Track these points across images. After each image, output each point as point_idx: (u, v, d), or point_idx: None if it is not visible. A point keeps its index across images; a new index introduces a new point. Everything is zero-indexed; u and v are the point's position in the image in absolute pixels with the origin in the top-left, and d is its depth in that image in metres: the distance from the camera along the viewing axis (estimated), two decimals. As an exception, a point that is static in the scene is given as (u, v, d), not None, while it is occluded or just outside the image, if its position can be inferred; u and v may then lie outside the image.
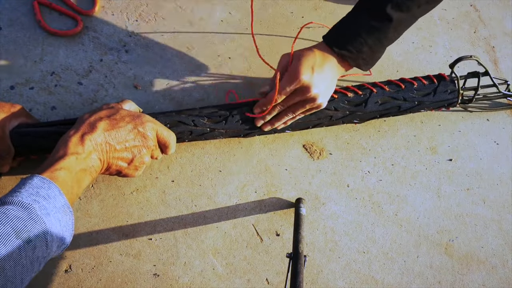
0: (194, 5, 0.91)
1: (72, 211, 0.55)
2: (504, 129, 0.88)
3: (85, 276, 0.73)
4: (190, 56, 0.87)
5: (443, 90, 0.80)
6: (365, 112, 0.79)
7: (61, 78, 0.83)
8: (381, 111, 0.79)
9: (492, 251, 0.80)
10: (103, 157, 0.62)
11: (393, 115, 0.82)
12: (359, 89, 0.79)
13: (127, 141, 0.64)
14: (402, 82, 0.80)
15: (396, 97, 0.79)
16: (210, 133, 0.76)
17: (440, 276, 0.78)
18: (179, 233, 0.77)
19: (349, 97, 0.78)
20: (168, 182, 0.79)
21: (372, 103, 0.78)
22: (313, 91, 0.69)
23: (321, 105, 0.72)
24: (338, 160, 0.83)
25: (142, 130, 0.65)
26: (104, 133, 0.62)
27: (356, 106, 0.78)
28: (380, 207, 0.81)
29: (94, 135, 0.61)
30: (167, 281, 0.74)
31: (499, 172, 0.85)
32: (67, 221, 0.54)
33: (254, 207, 0.79)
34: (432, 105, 0.81)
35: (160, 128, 0.68)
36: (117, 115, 0.65)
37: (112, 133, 0.63)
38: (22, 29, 0.85)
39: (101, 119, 0.63)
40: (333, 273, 0.77)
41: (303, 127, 0.80)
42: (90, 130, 0.61)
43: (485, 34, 0.95)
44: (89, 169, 0.60)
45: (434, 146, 0.86)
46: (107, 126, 0.63)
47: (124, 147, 0.64)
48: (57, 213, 0.52)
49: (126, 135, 0.64)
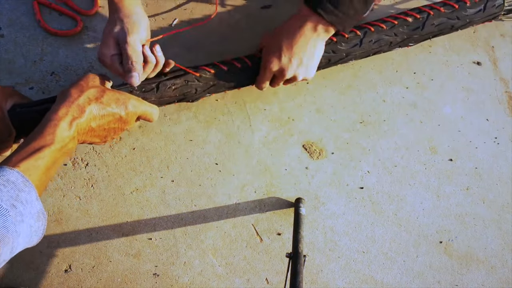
0: (194, 5, 0.91)
1: (46, 216, 0.54)
2: (504, 129, 0.88)
3: (85, 276, 0.73)
4: (190, 56, 0.87)
5: (491, 5, 0.84)
6: (421, 35, 0.82)
7: (61, 78, 0.83)
8: (435, 32, 0.83)
9: (492, 251, 0.80)
10: (81, 138, 0.62)
11: (446, 33, 0.86)
12: (418, 13, 0.81)
13: (108, 124, 0.64)
14: (456, 2, 0.83)
15: (450, 17, 0.82)
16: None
17: (440, 276, 0.78)
18: (179, 233, 0.77)
19: (409, 22, 0.80)
20: (168, 182, 0.79)
21: (428, 26, 0.81)
22: (288, 74, 0.72)
23: (306, 79, 0.75)
24: (338, 160, 0.83)
25: (125, 116, 0.65)
26: (90, 118, 0.61)
27: (414, 30, 0.81)
28: (379, 207, 0.81)
29: (81, 120, 0.60)
30: (167, 281, 0.74)
31: (499, 172, 0.85)
32: (38, 227, 0.53)
33: (254, 207, 0.79)
34: (481, 21, 0.86)
35: (143, 108, 0.67)
36: (104, 98, 0.63)
37: (97, 118, 0.62)
38: (22, 29, 0.85)
39: (90, 101, 0.61)
40: (333, 273, 0.77)
41: (364, 56, 0.82)
42: (79, 114, 0.60)
43: (484, 34, 0.95)
44: (67, 151, 0.59)
45: (434, 146, 0.86)
46: (94, 111, 0.61)
47: (103, 128, 0.64)
48: (31, 219, 0.51)
49: (109, 120, 0.63)
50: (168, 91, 0.72)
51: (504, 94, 0.90)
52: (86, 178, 0.80)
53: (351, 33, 0.79)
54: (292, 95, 0.86)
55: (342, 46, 0.78)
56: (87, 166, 0.80)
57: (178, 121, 0.83)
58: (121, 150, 0.81)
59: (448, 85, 0.90)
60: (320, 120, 0.85)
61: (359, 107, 0.87)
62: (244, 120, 0.84)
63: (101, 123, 0.63)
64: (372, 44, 0.79)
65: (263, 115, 0.85)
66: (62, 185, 0.79)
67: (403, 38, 0.81)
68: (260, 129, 0.84)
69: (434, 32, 0.83)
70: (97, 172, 0.79)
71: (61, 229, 0.78)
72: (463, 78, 0.91)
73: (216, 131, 0.83)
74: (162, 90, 0.71)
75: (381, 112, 0.87)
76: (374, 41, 0.79)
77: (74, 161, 0.81)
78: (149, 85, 0.71)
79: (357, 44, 0.78)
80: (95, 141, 0.65)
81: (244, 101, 0.85)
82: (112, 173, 0.80)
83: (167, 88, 0.72)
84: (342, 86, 0.88)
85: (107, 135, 0.65)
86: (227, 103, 0.85)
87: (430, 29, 0.82)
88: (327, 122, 0.85)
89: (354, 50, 0.79)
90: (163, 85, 0.71)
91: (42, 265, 0.77)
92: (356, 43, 0.78)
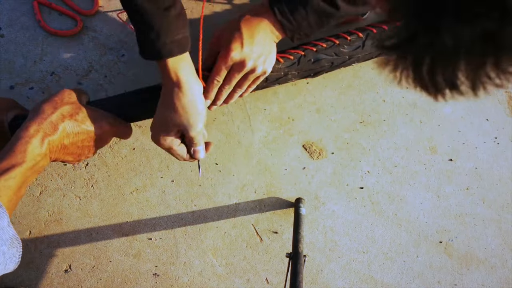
0: (194, 5, 0.91)
1: (21, 242, 0.52)
2: (504, 129, 0.89)
3: (85, 276, 0.73)
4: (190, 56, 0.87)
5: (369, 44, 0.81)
6: (364, 54, 0.79)
7: (61, 78, 0.83)
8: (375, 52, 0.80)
9: (492, 251, 0.80)
10: (53, 156, 0.60)
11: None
12: (360, 32, 0.79)
13: (82, 142, 0.62)
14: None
15: None
16: None
17: (440, 275, 0.78)
18: (179, 233, 0.77)
19: (348, 41, 0.78)
20: (168, 182, 0.79)
21: (368, 45, 0.79)
22: (248, 65, 0.69)
23: (265, 72, 0.72)
24: (337, 160, 0.83)
25: (100, 134, 0.63)
26: (63, 136, 0.59)
27: (355, 49, 0.78)
28: (379, 207, 0.81)
29: (54, 137, 0.57)
30: (167, 281, 0.74)
31: (499, 172, 0.85)
32: (13, 253, 0.51)
33: (254, 207, 0.79)
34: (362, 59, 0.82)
35: (117, 126, 0.66)
36: (79, 115, 0.61)
37: (71, 136, 0.60)
38: (22, 29, 0.85)
39: (64, 118, 0.59)
40: (333, 273, 0.77)
41: (367, 58, 0.80)
42: (52, 131, 0.57)
43: (484, 34, 0.95)
44: (39, 169, 0.57)
45: (433, 146, 0.86)
46: (68, 128, 0.59)
47: (76, 146, 0.62)
48: (3, 246, 0.49)
49: (83, 138, 0.62)
50: None
51: (504, 94, 0.90)
52: (86, 178, 0.80)
53: (353, 35, 0.78)
54: (292, 95, 0.86)
55: (345, 49, 0.77)
56: (87, 166, 0.80)
57: (178, 121, 0.83)
58: (121, 150, 0.81)
59: (448, 85, 0.90)
60: (320, 120, 0.85)
61: (359, 107, 0.87)
62: (244, 120, 0.84)
63: (75, 140, 0.61)
64: (310, 64, 0.77)
65: (263, 115, 0.85)
66: (62, 185, 0.79)
67: (344, 59, 0.79)
68: (260, 129, 0.84)
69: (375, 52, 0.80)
70: (97, 172, 0.79)
71: (61, 229, 0.78)
72: (463, 78, 0.91)
73: (216, 131, 0.83)
74: None
75: (381, 112, 0.87)
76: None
77: (74, 161, 0.81)
78: None
79: (359, 47, 0.78)
80: (68, 159, 0.63)
81: (244, 101, 0.85)
82: (112, 173, 0.80)
83: None
84: (342, 86, 0.88)
85: (81, 154, 0.64)
86: (227, 103, 0.85)
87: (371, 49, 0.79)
88: (327, 122, 0.85)
89: (356, 53, 0.78)
90: None
91: (42, 265, 0.77)
92: (359, 45, 0.78)
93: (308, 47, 0.76)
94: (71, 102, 0.62)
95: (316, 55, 0.77)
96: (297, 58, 0.76)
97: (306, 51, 0.76)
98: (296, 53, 0.76)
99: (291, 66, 0.76)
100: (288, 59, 0.76)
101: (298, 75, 0.78)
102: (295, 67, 0.76)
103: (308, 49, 0.76)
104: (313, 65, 0.77)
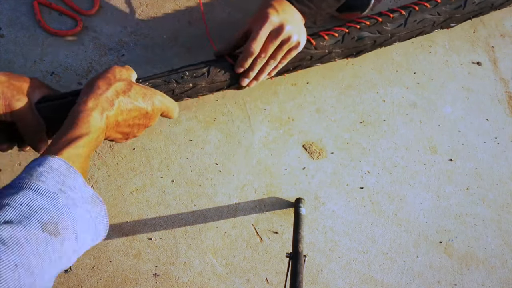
0: (194, 5, 0.91)
1: (103, 201, 0.52)
2: (504, 129, 0.88)
3: (85, 276, 0.73)
4: (190, 56, 0.87)
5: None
6: (463, 14, 0.82)
7: (61, 78, 0.83)
8: (476, 11, 0.83)
9: (492, 251, 0.80)
10: (107, 133, 0.60)
11: (486, 12, 0.87)
12: (402, 9, 0.80)
13: (133, 119, 0.62)
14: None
15: None
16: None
17: (440, 276, 0.78)
18: (179, 233, 0.77)
19: (451, 1, 0.81)
20: (168, 182, 0.79)
21: (470, 4, 0.81)
22: (286, 28, 0.68)
23: (299, 43, 0.71)
24: (337, 160, 0.83)
25: (151, 112, 0.64)
26: (118, 113, 0.59)
27: (456, 9, 0.81)
28: (379, 207, 0.81)
29: (111, 113, 0.58)
30: (167, 281, 0.74)
31: (499, 172, 0.85)
32: (98, 212, 0.51)
33: (254, 207, 0.79)
34: None
35: (166, 104, 0.66)
36: (131, 92, 0.61)
37: (124, 113, 0.60)
38: (22, 29, 0.85)
39: (118, 95, 0.59)
40: (333, 273, 0.77)
41: (408, 37, 0.82)
42: (109, 106, 0.58)
43: (484, 34, 0.95)
44: (98, 143, 0.58)
45: (433, 146, 0.86)
46: (122, 105, 0.60)
47: (128, 124, 0.62)
48: (86, 204, 0.49)
49: (135, 115, 0.62)
50: (218, 75, 0.72)
51: (504, 94, 0.90)
52: (86, 178, 0.80)
53: (396, 12, 0.79)
54: (292, 95, 0.86)
55: (388, 26, 0.78)
56: (87, 166, 0.80)
57: (178, 121, 0.83)
58: (121, 150, 0.81)
59: (448, 85, 0.90)
60: (320, 120, 0.85)
61: (359, 107, 0.87)
62: (244, 120, 0.84)
63: (127, 117, 0.61)
64: (416, 24, 0.79)
65: (263, 115, 0.85)
66: (62, 185, 0.79)
67: (446, 18, 0.81)
68: (260, 129, 0.84)
69: (475, 11, 0.83)
70: (97, 172, 0.79)
71: (61, 229, 0.78)
72: (463, 78, 0.91)
73: (216, 131, 0.83)
74: (213, 75, 0.72)
75: (381, 112, 0.87)
76: (418, 21, 0.79)
77: (74, 161, 0.81)
78: (200, 69, 0.71)
79: (401, 24, 0.79)
80: (117, 138, 0.63)
81: (244, 101, 0.85)
82: (112, 173, 0.80)
83: (218, 72, 0.72)
84: (342, 86, 0.88)
85: (129, 132, 0.64)
86: (227, 103, 0.85)
87: (471, 8, 0.82)
88: (327, 122, 0.85)
89: (398, 31, 0.79)
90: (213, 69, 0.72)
91: (42, 265, 0.77)
92: (401, 23, 0.79)
93: (352, 24, 0.77)
94: (123, 78, 0.62)
95: (359, 33, 0.77)
96: (341, 35, 0.77)
97: (350, 28, 0.77)
98: (341, 30, 0.77)
99: (335, 43, 0.77)
100: (332, 36, 0.76)
101: (342, 54, 0.79)
102: (339, 44, 0.77)
103: (352, 27, 0.77)
104: (357, 42, 0.78)
